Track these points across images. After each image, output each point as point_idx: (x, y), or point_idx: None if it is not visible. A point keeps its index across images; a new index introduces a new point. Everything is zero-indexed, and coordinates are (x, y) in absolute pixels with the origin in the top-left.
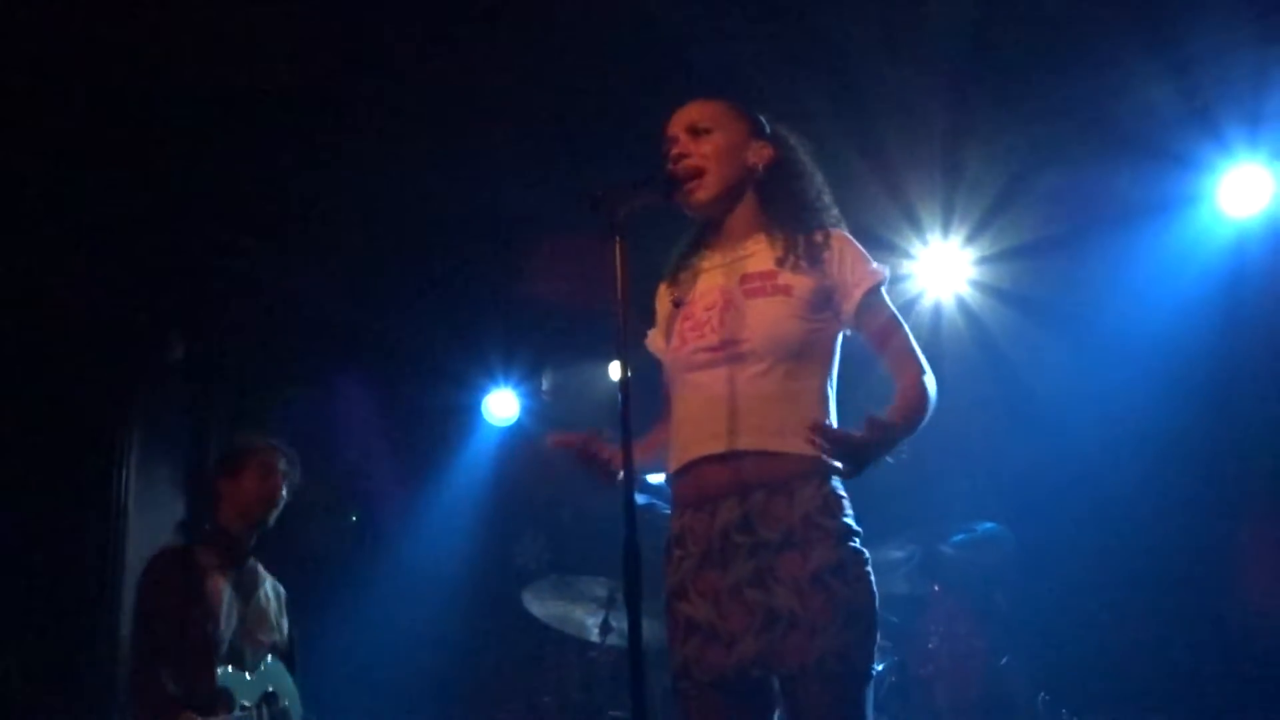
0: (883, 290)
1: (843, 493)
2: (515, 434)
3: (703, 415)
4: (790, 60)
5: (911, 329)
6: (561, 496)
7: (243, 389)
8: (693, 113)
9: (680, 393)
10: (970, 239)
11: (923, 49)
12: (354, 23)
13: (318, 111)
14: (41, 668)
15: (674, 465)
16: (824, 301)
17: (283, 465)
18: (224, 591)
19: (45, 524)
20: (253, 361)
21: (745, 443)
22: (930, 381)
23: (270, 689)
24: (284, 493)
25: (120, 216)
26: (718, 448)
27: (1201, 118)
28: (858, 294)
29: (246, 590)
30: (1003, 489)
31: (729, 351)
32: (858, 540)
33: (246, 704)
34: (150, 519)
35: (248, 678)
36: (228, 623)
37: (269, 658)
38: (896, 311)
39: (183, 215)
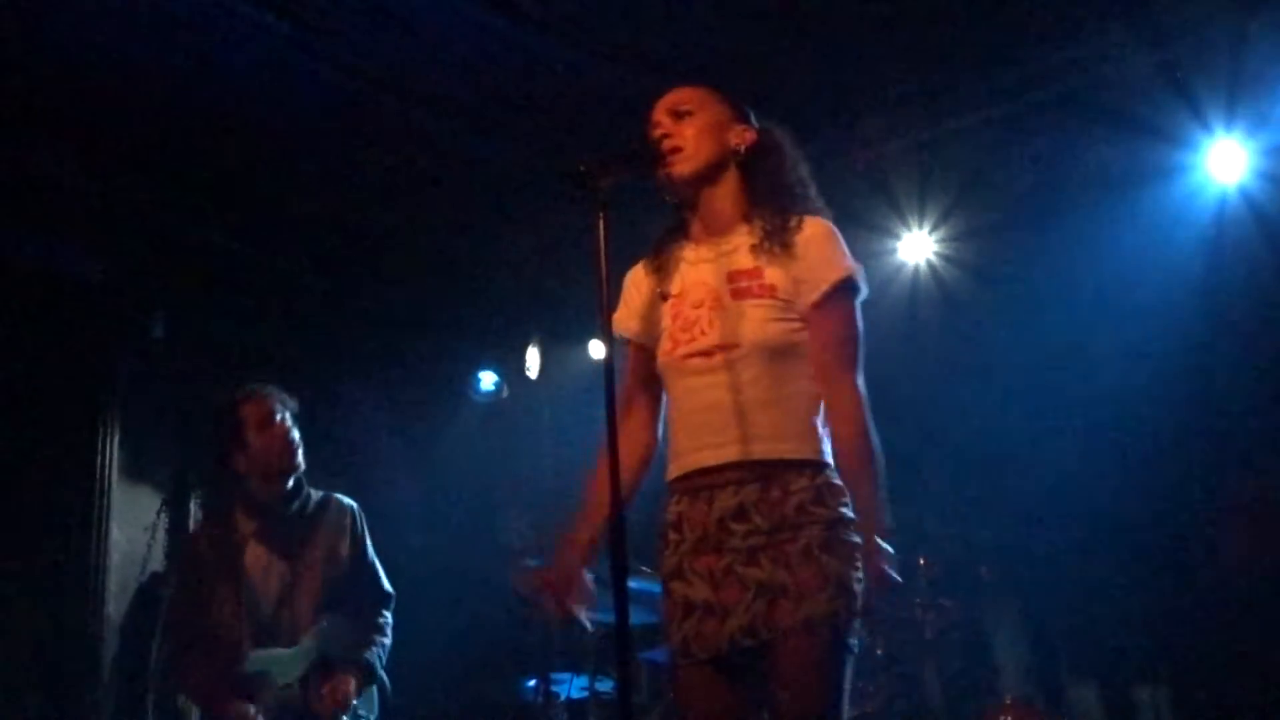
0: (849, 289)
1: (839, 482)
2: (500, 411)
3: (705, 423)
4: (764, 34)
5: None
6: (547, 472)
7: (227, 365)
8: (675, 97)
9: (674, 396)
10: (947, 214)
11: (897, 19)
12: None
13: (301, 91)
14: (25, 644)
15: (676, 471)
16: (795, 294)
17: (274, 406)
18: (264, 559)
19: (29, 500)
20: (236, 338)
21: (759, 451)
22: (866, 419)
23: (317, 658)
24: (293, 427)
25: (102, 192)
26: (729, 457)
27: (1179, 90)
28: (818, 291)
29: (294, 545)
30: (985, 460)
31: (723, 357)
32: (851, 529)
33: (286, 682)
34: (134, 496)
35: (287, 654)
36: (266, 593)
37: (322, 623)
38: (857, 323)
39: (165, 191)
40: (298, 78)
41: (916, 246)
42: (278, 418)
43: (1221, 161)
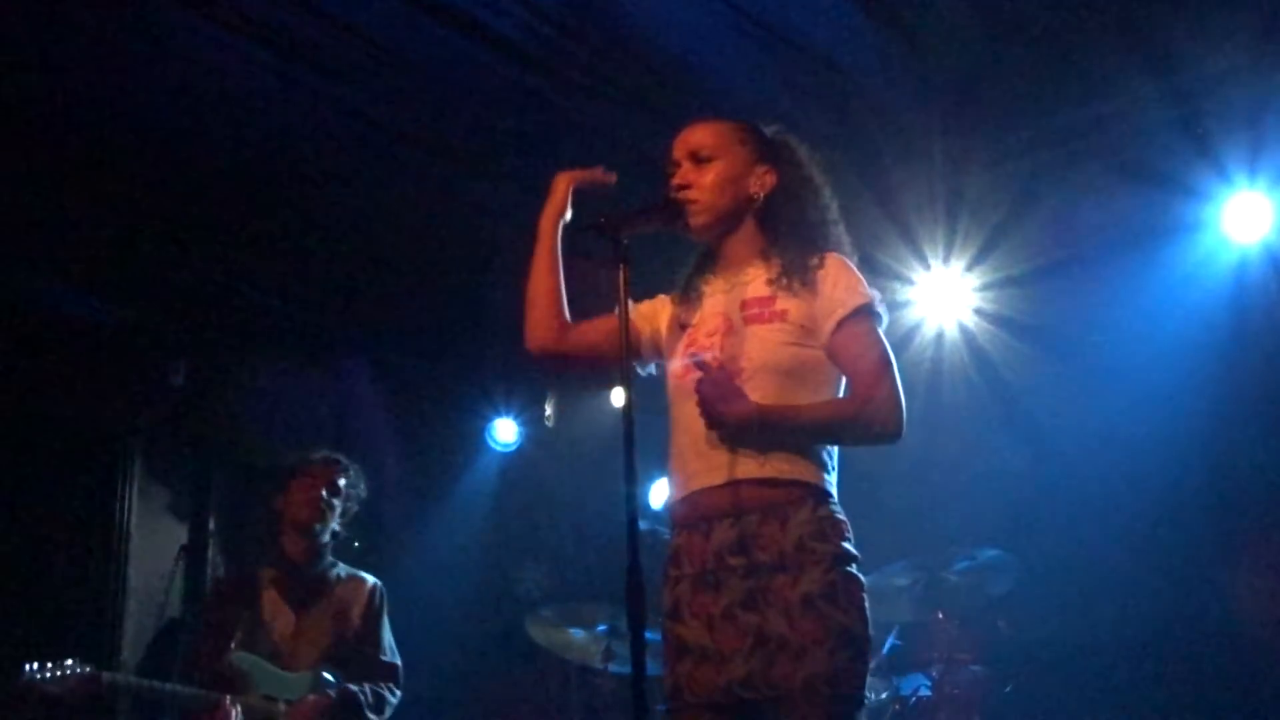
0: (869, 313)
1: (841, 516)
2: (517, 460)
3: (703, 446)
4: (790, 86)
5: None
6: (564, 523)
7: (246, 413)
8: (697, 137)
9: (679, 417)
10: (971, 265)
11: (922, 74)
12: (360, 47)
13: (322, 140)
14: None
15: (676, 495)
16: (814, 325)
17: (331, 475)
18: (275, 605)
19: (48, 547)
20: (256, 386)
21: (743, 471)
22: (880, 413)
23: (308, 692)
24: (328, 499)
25: (122, 240)
26: (718, 479)
27: (1201, 145)
28: (837, 316)
29: (307, 600)
30: (1007, 515)
31: None
32: (854, 565)
33: (272, 695)
34: (152, 542)
35: (288, 676)
36: (272, 626)
37: (323, 666)
38: (883, 339)
39: (185, 239)
40: (319, 128)
41: (939, 296)
42: (321, 479)
43: (1243, 216)
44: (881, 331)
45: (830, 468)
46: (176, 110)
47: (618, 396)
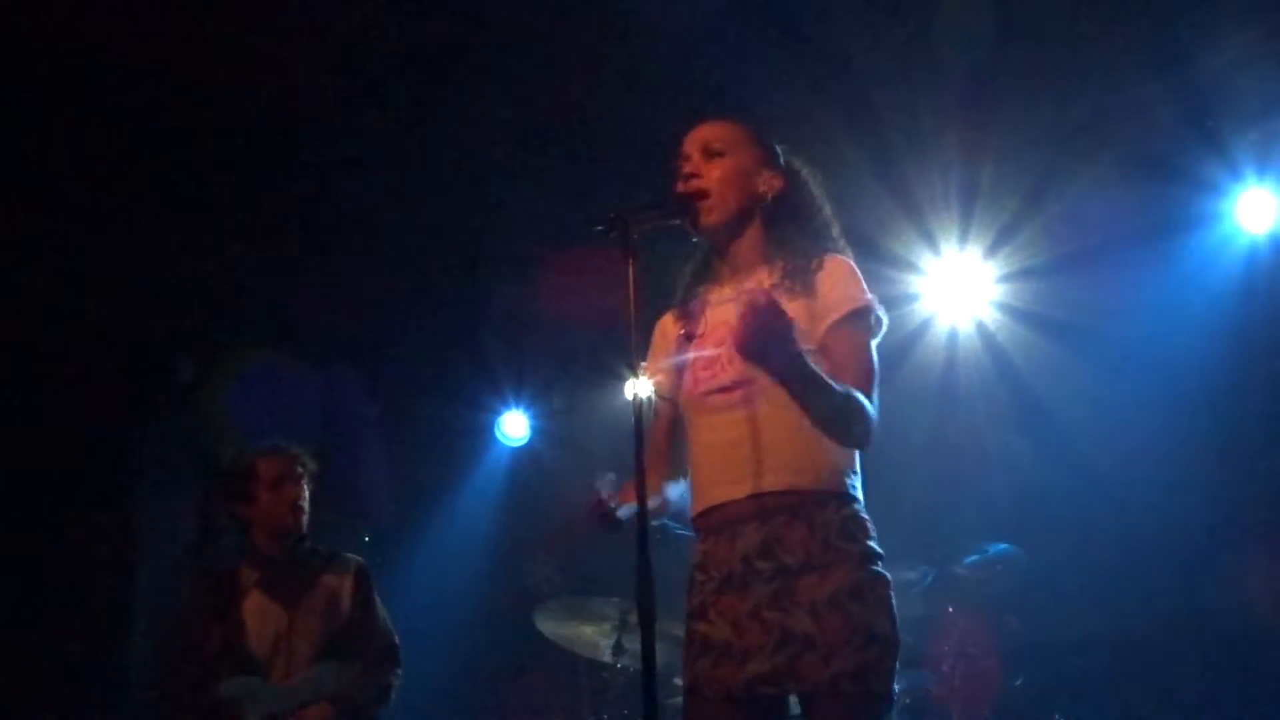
0: (863, 318)
1: (865, 515)
2: (527, 455)
3: (724, 459)
4: (803, 78)
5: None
6: (574, 517)
7: (253, 410)
8: (709, 132)
9: (697, 434)
10: (983, 259)
11: (936, 67)
12: (362, 46)
13: (329, 135)
14: (57, 683)
15: (698, 507)
16: (810, 325)
17: (292, 468)
18: (261, 606)
19: (58, 548)
20: (263, 383)
21: (769, 484)
22: (858, 415)
23: (309, 698)
24: (305, 490)
25: (129, 239)
26: (742, 492)
27: (1212, 139)
28: (831, 318)
29: (293, 594)
30: (1017, 510)
31: (743, 391)
32: (879, 564)
33: (272, 713)
34: (163, 541)
35: (270, 687)
36: (261, 637)
37: (319, 664)
38: (872, 351)
39: (192, 239)
40: (329, 120)
41: (953, 288)
42: (291, 479)
43: (1252, 210)
44: (874, 341)
45: (854, 471)
46: (177, 107)
47: (628, 390)
